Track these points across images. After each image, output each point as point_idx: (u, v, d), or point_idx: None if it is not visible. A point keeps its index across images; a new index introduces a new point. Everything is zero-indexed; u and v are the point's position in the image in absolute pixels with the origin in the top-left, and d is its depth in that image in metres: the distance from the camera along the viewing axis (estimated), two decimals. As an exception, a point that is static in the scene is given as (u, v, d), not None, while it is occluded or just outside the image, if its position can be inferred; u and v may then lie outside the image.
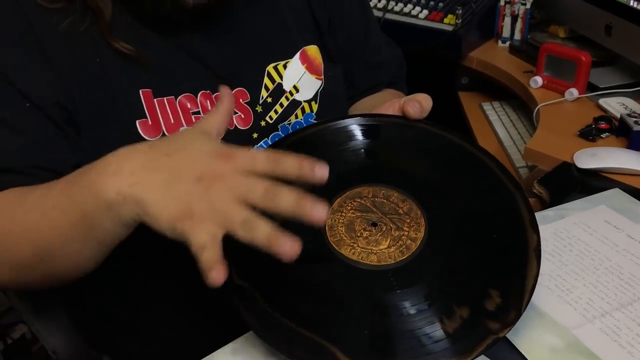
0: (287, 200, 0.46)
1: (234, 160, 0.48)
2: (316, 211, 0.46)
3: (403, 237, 0.57)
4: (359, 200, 0.60)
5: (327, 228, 0.57)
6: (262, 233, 0.46)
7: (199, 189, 0.48)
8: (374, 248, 0.56)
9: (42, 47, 0.65)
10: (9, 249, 0.59)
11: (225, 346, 0.58)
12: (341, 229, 0.57)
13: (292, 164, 0.48)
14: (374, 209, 0.59)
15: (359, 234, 0.57)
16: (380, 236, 0.57)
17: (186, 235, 0.47)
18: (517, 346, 0.57)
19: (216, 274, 0.46)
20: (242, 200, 0.47)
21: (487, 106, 1.36)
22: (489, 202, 0.61)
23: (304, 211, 0.46)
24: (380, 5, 1.39)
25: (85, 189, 0.53)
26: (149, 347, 0.79)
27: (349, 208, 0.59)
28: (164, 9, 0.66)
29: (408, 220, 0.58)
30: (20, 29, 0.65)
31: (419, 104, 0.65)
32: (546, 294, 0.64)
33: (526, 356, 0.56)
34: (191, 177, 0.48)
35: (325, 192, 0.60)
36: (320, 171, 0.48)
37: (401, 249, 0.56)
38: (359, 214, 0.59)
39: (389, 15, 1.38)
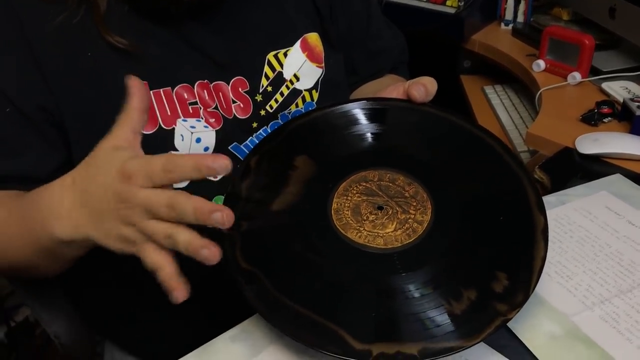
0: (188, 210, 0.48)
1: (134, 180, 0.48)
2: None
3: (409, 220, 0.57)
4: (364, 184, 0.60)
5: (333, 212, 0.57)
6: (182, 243, 0.48)
7: (119, 217, 0.49)
8: (380, 231, 0.56)
9: (30, 48, 0.64)
10: None
11: (225, 332, 0.58)
12: (347, 212, 0.57)
13: (186, 163, 0.48)
14: (380, 193, 0.59)
15: (365, 218, 0.57)
16: (387, 219, 0.57)
17: (141, 258, 0.50)
18: (516, 333, 0.57)
19: (177, 293, 0.48)
20: (155, 216, 0.48)
21: (489, 90, 1.36)
22: (496, 185, 0.61)
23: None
24: (381, -12, 1.38)
25: (39, 228, 0.56)
26: (150, 332, 0.79)
27: (354, 192, 0.59)
28: (162, 2, 0.65)
29: (414, 204, 0.58)
30: (9, 30, 0.64)
31: (424, 87, 0.64)
32: (546, 280, 0.64)
33: (526, 343, 0.56)
34: (108, 209, 0.50)
35: (331, 176, 0.60)
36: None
37: (408, 232, 0.56)
38: (364, 198, 0.58)
39: (390, -2, 1.37)
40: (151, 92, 0.68)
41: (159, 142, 0.67)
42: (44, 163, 0.66)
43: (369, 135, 0.65)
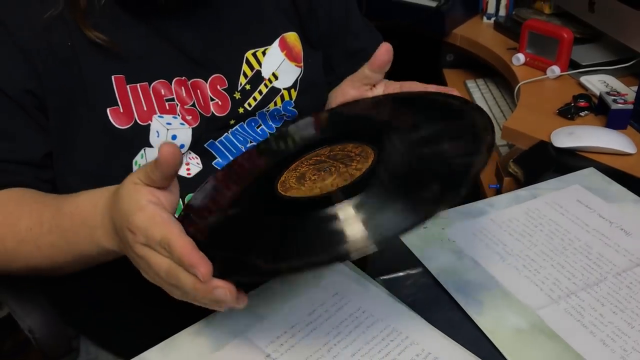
0: (188, 286, 0.49)
1: (137, 237, 0.50)
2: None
3: (350, 170, 0.56)
4: (315, 158, 0.60)
5: (279, 184, 0.57)
6: (191, 298, 0.50)
7: (131, 254, 0.52)
8: (318, 184, 0.55)
9: (10, 32, 0.64)
10: None
11: (190, 327, 0.58)
12: (292, 181, 0.57)
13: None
14: (328, 160, 0.58)
15: (307, 179, 0.57)
16: (328, 175, 0.56)
17: None
18: (480, 326, 0.58)
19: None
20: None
21: (471, 84, 1.36)
22: (441, 125, 0.60)
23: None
24: (363, -19, 1.37)
25: (87, 240, 0.59)
26: (122, 327, 0.79)
27: (304, 165, 0.59)
28: None
29: (358, 159, 0.57)
30: None
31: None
32: (513, 274, 0.64)
33: (490, 337, 0.56)
34: (126, 244, 0.52)
35: (285, 164, 0.60)
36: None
37: (344, 177, 0.55)
38: (312, 167, 0.58)
39: (372, -9, 1.36)
40: (128, 86, 0.67)
41: (134, 137, 0.67)
42: (37, 147, 0.67)
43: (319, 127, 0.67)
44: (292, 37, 0.78)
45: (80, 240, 0.59)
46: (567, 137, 0.90)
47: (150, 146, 0.69)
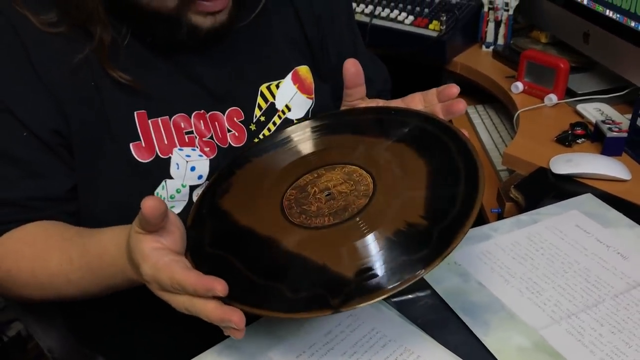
0: (202, 314, 0.54)
1: (152, 286, 0.57)
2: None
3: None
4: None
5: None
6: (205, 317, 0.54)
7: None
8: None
9: (39, 74, 0.68)
10: (26, 294, 0.71)
11: (213, 347, 0.62)
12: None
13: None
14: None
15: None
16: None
17: None
18: (487, 346, 0.61)
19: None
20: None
21: (470, 109, 1.40)
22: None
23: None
24: (367, 11, 1.43)
25: (117, 276, 0.64)
26: (140, 348, 0.82)
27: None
28: (181, 36, 0.69)
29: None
30: (18, 56, 0.67)
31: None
32: (517, 296, 0.67)
33: (495, 355, 0.60)
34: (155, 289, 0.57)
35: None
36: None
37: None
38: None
39: (376, 21, 1.41)
40: (149, 121, 0.71)
41: (155, 169, 0.71)
42: (63, 183, 0.70)
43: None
44: (304, 70, 0.83)
45: (111, 276, 0.64)
46: (565, 164, 0.94)
47: (171, 178, 0.73)
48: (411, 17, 1.40)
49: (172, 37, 0.69)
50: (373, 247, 0.55)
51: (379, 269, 0.53)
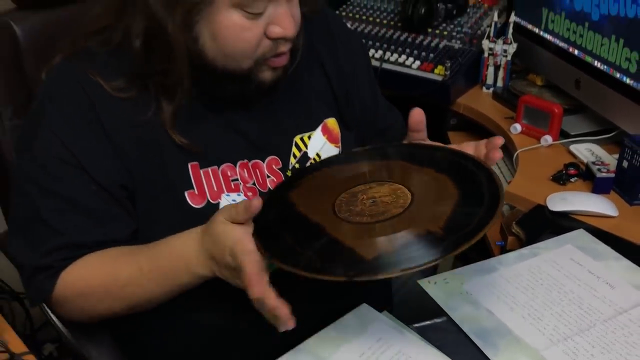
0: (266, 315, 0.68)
1: (235, 274, 0.70)
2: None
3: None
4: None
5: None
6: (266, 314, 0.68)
7: (229, 277, 0.72)
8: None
9: (107, 133, 0.78)
10: (101, 308, 0.82)
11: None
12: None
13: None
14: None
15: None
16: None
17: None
18: (497, 365, 0.72)
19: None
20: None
21: (473, 146, 1.52)
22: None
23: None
24: (377, 56, 1.55)
25: (182, 271, 0.76)
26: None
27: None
28: (249, 91, 0.81)
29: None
30: (88, 117, 0.78)
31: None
32: (521, 321, 0.79)
33: (504, 372, 0.71)
34: (224, 268, 0.72)
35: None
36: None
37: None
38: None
39: (385, 65, 1.54)
40: (201, 171, 0.82)
41: (206, 213, 0.80)
42: (126, 229, 0.82)
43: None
44: (331, 122, 0.94)
45: (177, 271, 0.76)
46: (560, 201, 1.06)
47: None
48: (418, 62, 1.52)
49: (241, 93, 0.81)
50: (393, 243, 0.68)
51: (391, 256, 0.66)
